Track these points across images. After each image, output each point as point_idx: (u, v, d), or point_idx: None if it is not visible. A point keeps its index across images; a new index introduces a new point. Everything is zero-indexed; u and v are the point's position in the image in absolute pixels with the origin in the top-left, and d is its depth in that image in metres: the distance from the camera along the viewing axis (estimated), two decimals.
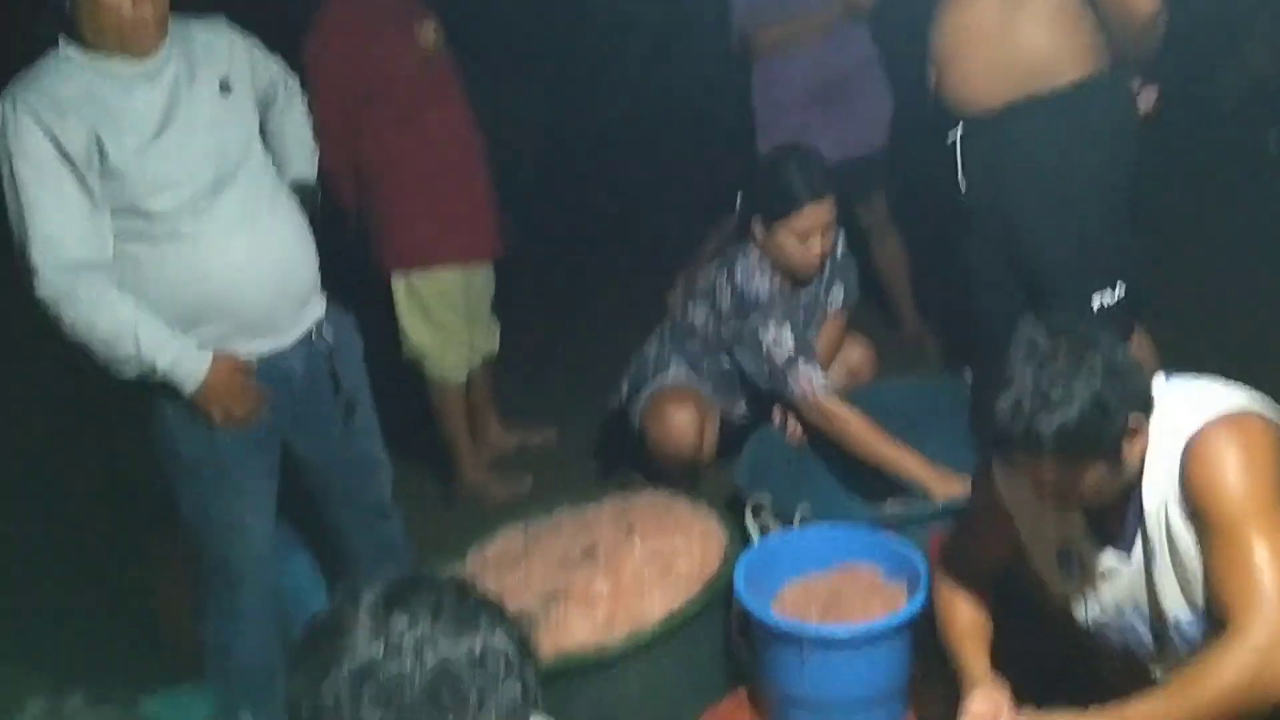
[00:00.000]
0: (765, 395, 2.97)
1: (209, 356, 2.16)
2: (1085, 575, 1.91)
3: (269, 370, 2.25)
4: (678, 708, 2.36)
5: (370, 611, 1.04)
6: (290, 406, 2.31)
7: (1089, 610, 1.94)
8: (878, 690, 2.26)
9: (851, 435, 2.79)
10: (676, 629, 2.32)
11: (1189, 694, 1.66)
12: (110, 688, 1.19)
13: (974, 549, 2.07)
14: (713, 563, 2.45)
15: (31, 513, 3.06)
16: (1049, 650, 2.05)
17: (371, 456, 2.49)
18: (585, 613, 2.34)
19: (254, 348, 2.23)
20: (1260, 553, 1.68)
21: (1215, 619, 1.73)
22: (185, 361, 2.14)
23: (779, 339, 2.85)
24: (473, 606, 1.07)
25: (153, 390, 2.18)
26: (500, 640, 1.06)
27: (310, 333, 2.31)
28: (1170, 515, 1.78)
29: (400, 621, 1.03)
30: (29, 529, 3.05)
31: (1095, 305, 2.63)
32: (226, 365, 2.19)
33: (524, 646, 1.09)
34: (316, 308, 2.34)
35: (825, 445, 2.94)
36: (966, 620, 2.05)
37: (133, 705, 1.19)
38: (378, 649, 1.02)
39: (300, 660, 1.05)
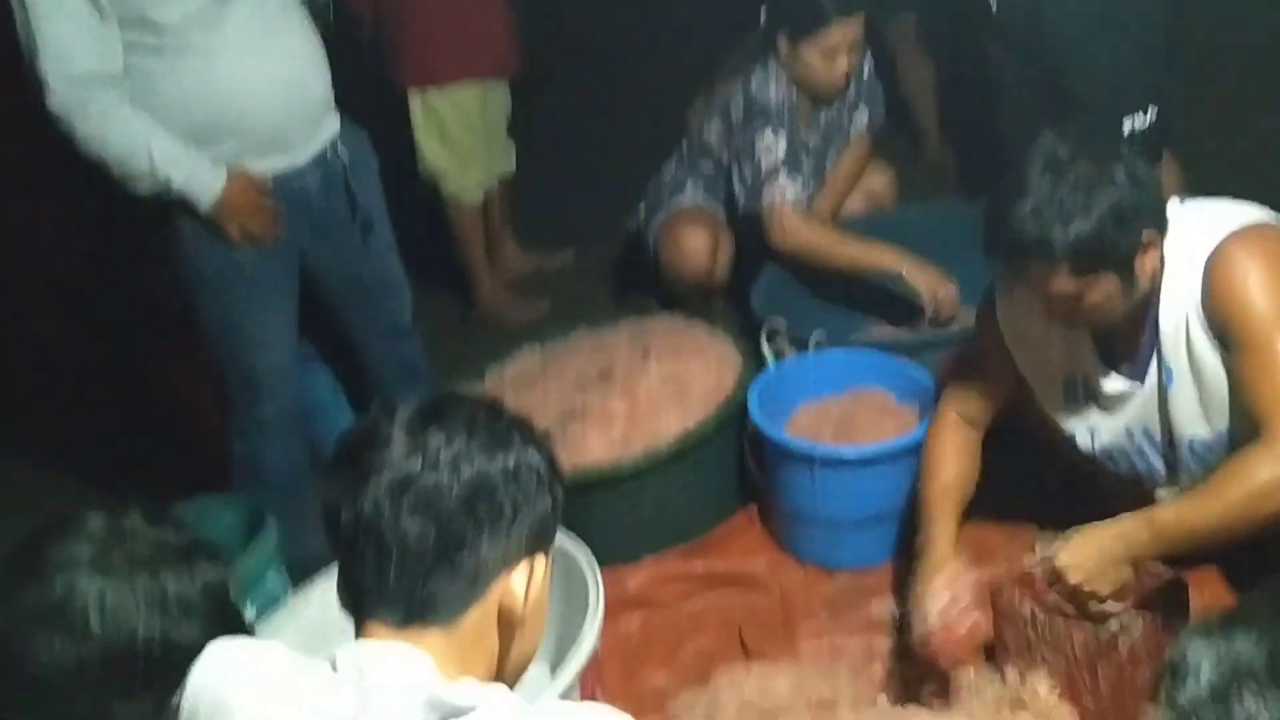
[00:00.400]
0: (741, 218, 2.92)
1: (224, 173, 2.16)
2: (1092, 403, 1.93)
3: (284, 188, 2.25)
4: (690, 524, 2.43)
5: (406, 427, 1.06)
6: (307, 224, 2.31)
7: (1096, 438, 1.96)
8: (886, 509, 2.32)
9: (816, 246, 2.77)
10: (690, 448, 2.37)
11: (1219, 494, 1.68)
12: (163, 505, 1.22)
13: (973, 394, 2.08)
14: (727, 386, 2.48)
15: (58, 332, 3.11)
16: (1052, 477, 2.09)
17: (390, 276, 2.50)
18: (601, 432, 2.39)
19: (268, 165, 2.23)
20: None
21: (1247, 429, 1.75)
22: (200, 177, 2.14)
23: (771, 146, 2.79)
24: (506, 425, 1.10)
25: (170, 207, 2.18)
26: (533, 457, 1.09)
27: (325, 151, 2.30)
28: (1192, 332, 1.78)
29: (437, 437, 1.05)
30: (57, 345, 3.10)
31: (1126, 129, 2.59)
32: (241, 181, 2.19)
33: (553, 464, 1.12)
34: (331, 125, 2.31)
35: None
36: (949, 478, 2.04)
37: (186, 526, 1.23)
38: (415, 462, 1.04)
39: (336, 471, 1.07)
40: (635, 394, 2.45)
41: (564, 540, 2.06)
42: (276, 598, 2.13)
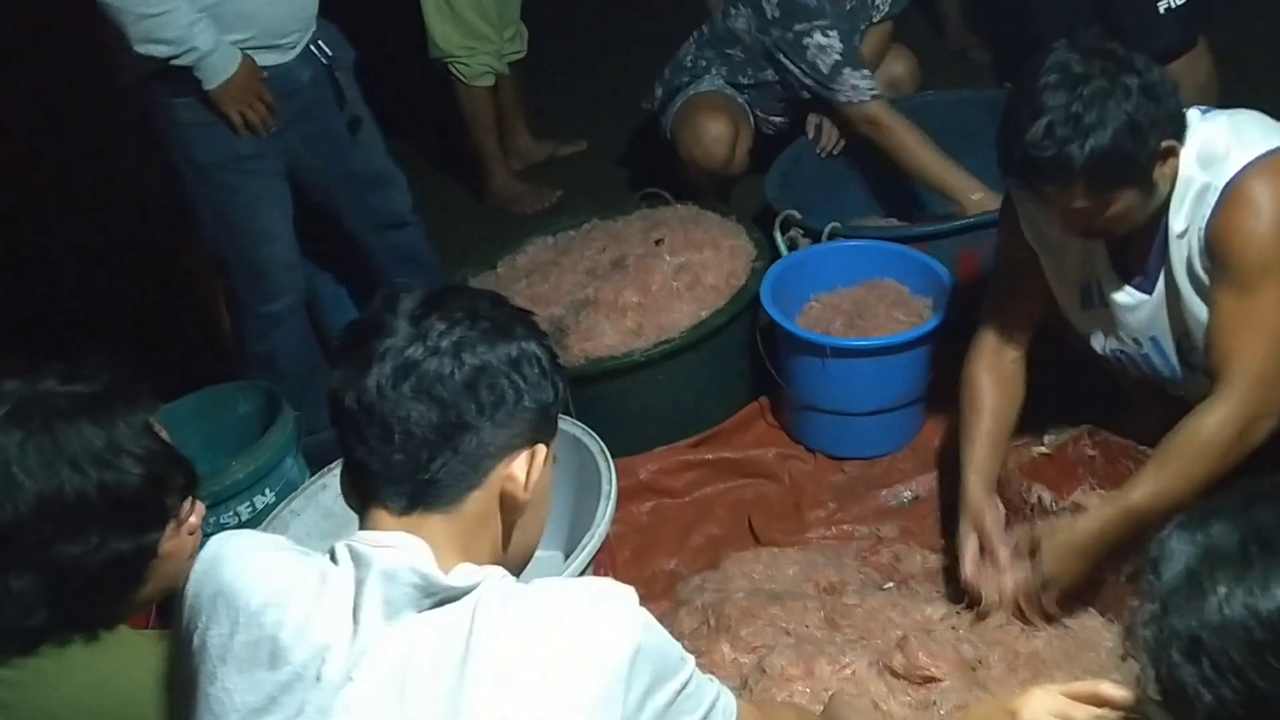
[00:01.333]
0: (806, 105, 2.91)
1: (239, 56, 2.21)
2: (1106, 307, 1.92)
3: (278, 80, 2.29)
4: (701, 413, 2.45)
5: (408, 316, 1.07)
6: (299, 117, 2.34)
7: (1108, 344, 1.95)
8: (896, 399, 2.33)
9: (897, 142, 2.74)
10: (702, 339, 2.38)
11: (1184, 468, 1.70)
12: (83, 367, 1.24)
13: (1008, 314, 2.03)
14: (740, 276, 2.47)
15: (67, 231, 3.11)
16: (1076, 371, 2.09)
17: (382, 169, 2.52)
18: (614, 321, 2.40)
19: (265, 60, 2.26)
20: (1267, 313, 1.67)
21: (1209, 363, 1.75)
22: (222, 53, 2.18)
23: (826, 46, 2.77)
24: (508, 315, 1.10)
25: (171, 98, 2.22)
26: (534, 347, 1.10)
27: (311, 46, 2.33)
28: (1192, 247, 1.76)
29: (439, 325, 1.06)
30: (63, 241, 3.11)
31: (1162, 7, 2.52)
32: (249, 66, 2.23)
33: (554, 357, 1.13)
34: (316, 20, 2.35)
35: (859, 159, 2.90)
36: (985, 413, 1.98)
37: (101, 376, 1.25)
38: (418, 348, 1.05)
39: (341, 360, 1.08)
40: (648, 284, 2.45)
41: (577, 430, 2.08)
42: (294, 483, 2.16)
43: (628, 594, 1.05)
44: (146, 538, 1.23)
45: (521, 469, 1.09)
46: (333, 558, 1.05)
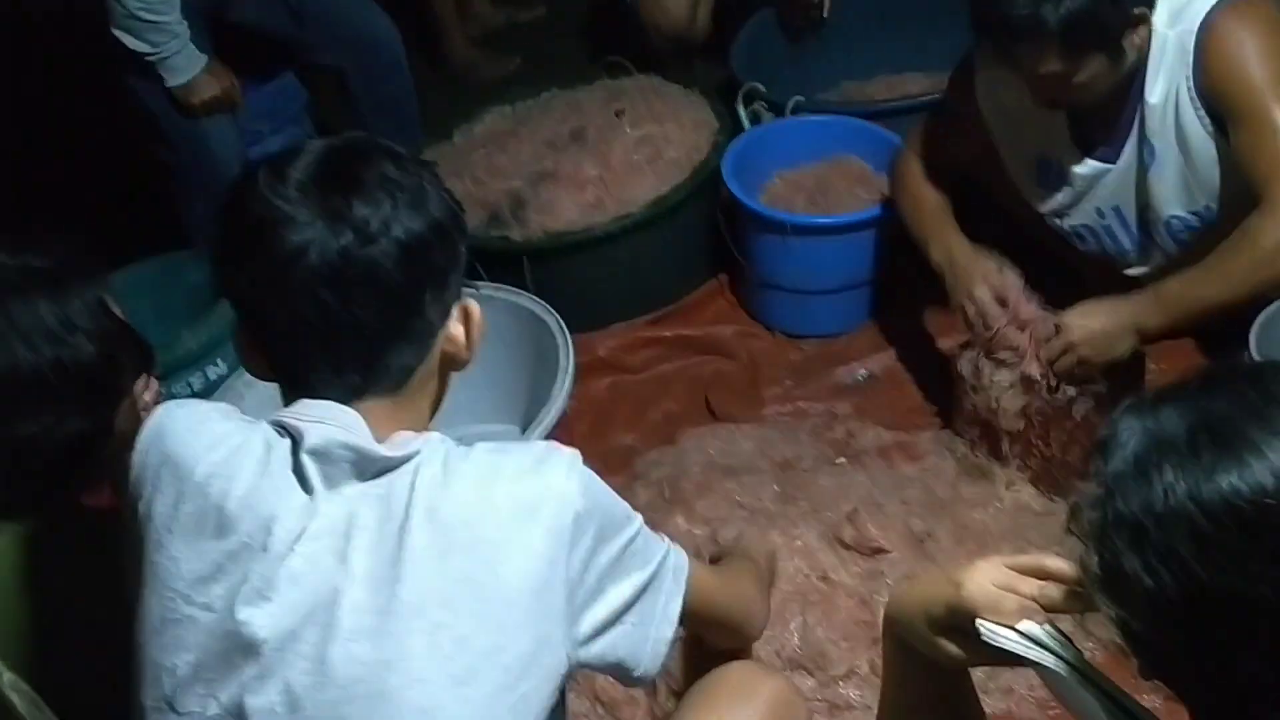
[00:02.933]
0: None
1: (204, 60, 2.26)
2: (1064, 182, 1.91)
3: None
4: (661, 290, 2.44)
5: (310, 197, 0.98)
6: None
7: (1066, 217, 1.96)
8: (855, 278, 2.33)
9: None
10: (663, 214, 2.35)
11: (1223, 264, 1.69)
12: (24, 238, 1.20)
13: (942, 150, 2.05)
14: (702, 150, 2.44)
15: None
16: (1022, 248, 2.09)
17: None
18: (573, 195, 2.36)
19: None
20: None
21: (1235, 208, 1.74)
22: (187, 52, 2.23)
23: None
24: (417, 175, 1.04)
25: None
26: (446, 201, 1.05)
27: None
28: (1180, 106, 1.76)
29: (361, 208, 0.99)
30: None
31: None
32: (215, 72, 2.28)
33: (454, 196, 1.07)
34: None
35: (829, 28, 2.83)
36: (937, 202, 2.02)
37: (52, 250, 1.21)
38: (347, 238, 0.98)
39: (238, 259, 1.01)
40: (608, 157, 2.41)
41: (534, 306, 2.07)
42: None
43: (570, 455, 1.04)
44: (102, 416, 1.21)
45: (459, 329, 1.07)
46: (276, 427, 1.03)
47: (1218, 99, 1.73)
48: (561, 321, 2.01)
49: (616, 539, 1.05)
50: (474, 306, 1.09)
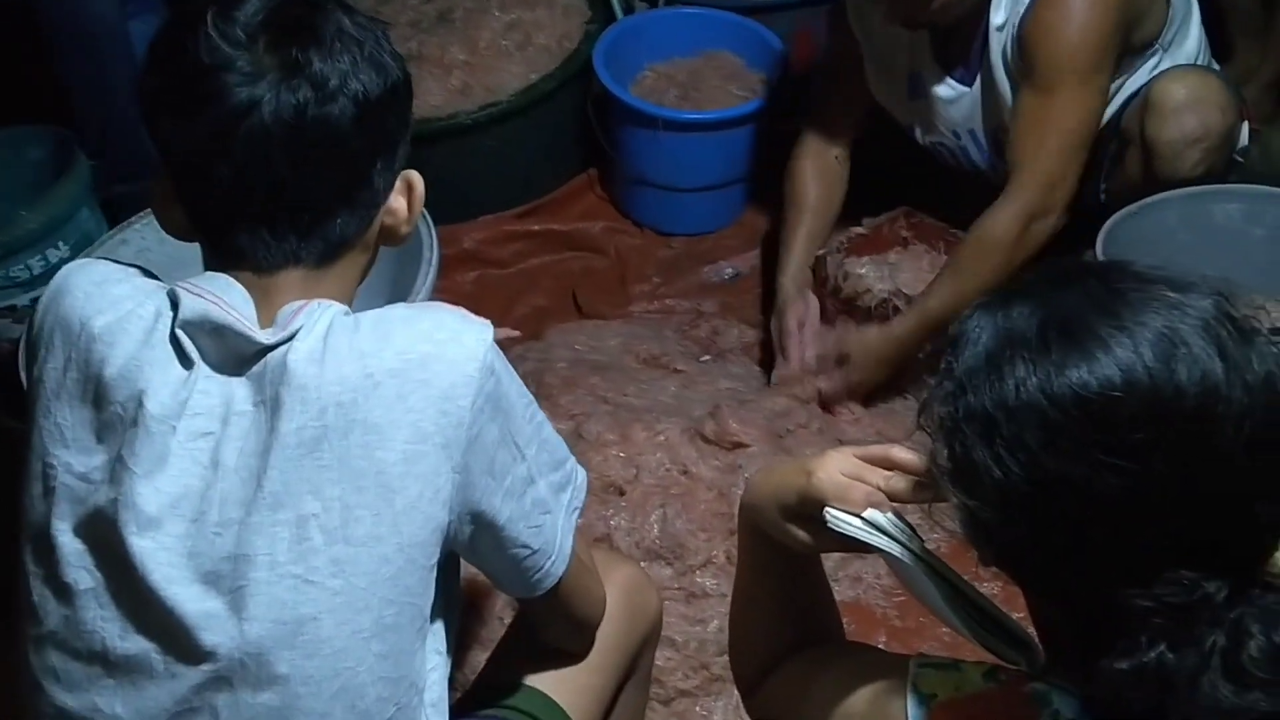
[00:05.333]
0: None
1: None
2: (928, 99, 1.94)
3: None
4: (529, 182, 2.39)
5: (257, 45, 0.91)
6: None
7: (927, 135, 1.99)
8: (725, 176, 2.33)
9: None
10: (531, 103, 2.30)
11: (975, 270, 1.76)
12: None
13: (833, 111, 2.06)
14: (573, 38, 2.38)
15: None
16: (896, 160, 2.12)
17: None
18: (439, 80, 2.29)
19: None
20: (1062, 113, 1.72)
21: (1006, 163, 1.80)
22: None
23: None
24: (372, 32, 0.97)
25: None
26: (399, 64, 0.99)
27: None
28: (1008, 41, 1.79)
29: (316, 61, 0.92)
30: None
31: None
32: None
33: (404, 61, 1.01)
34: None
35: None
36: (805, 208, 2.04)
37: None
38: (304, 93, 0.91)
39: (177, 104, 0.93)
40: (476, 41, 2.33)
41: None
42: (91, 237, 2.03)
43: (479, 326, 0.96)
44: None
45: (401, 201, 1.01)
46: (172, 301, 0.96)
47: (1024, 52, 1.76)
48: (426, 212, 1.96)
49: (519, 427, 0.97)
50: (416, 179, 1.02)
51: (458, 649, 1.31)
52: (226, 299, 0.94)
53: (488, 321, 0.97)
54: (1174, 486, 0.76)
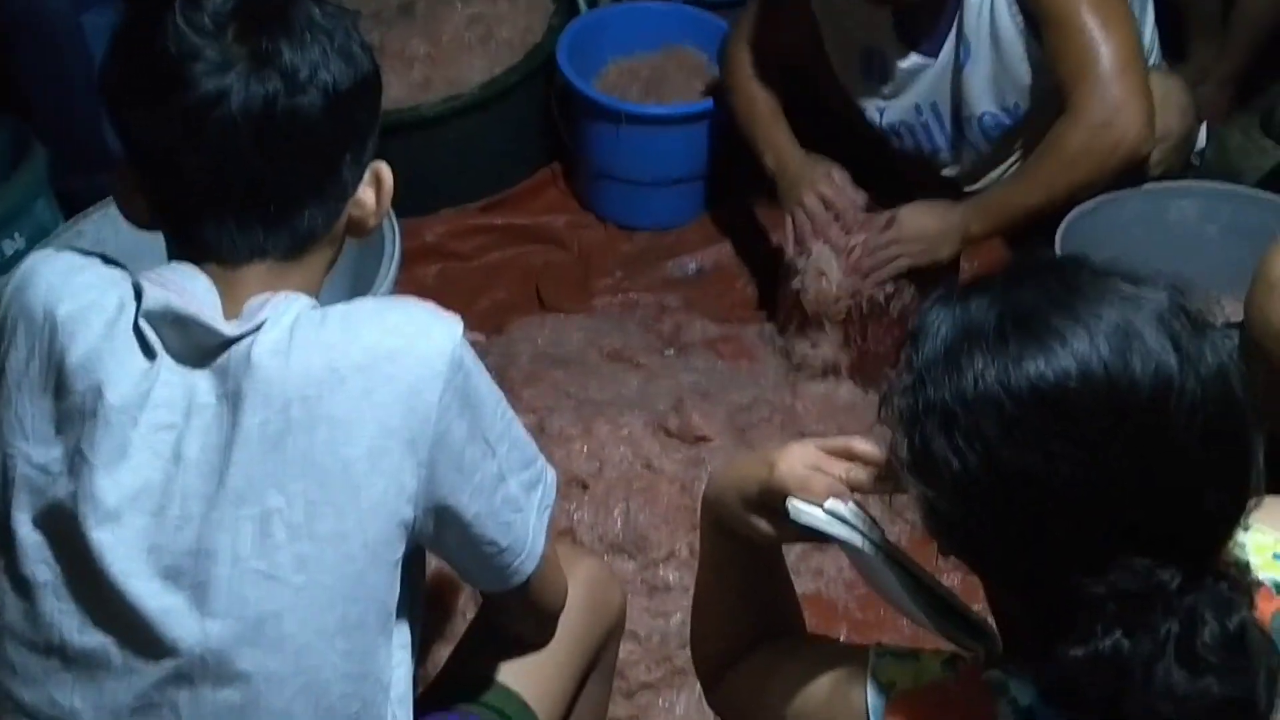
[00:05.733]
0: None
1: None
2: (885, 79, 1.95)
3: None
4: (492, 178, 2.38)
5: (226, 35, 0.90)
6: None
7: (884, 114, 1.99)
8: (688, 171, 2.33)
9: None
10: (494, 97, 2.29)
11: (1036, 171, 1.76)
12: None
13: (771, 39, 2.05)
14: (537, 32, 2.37)
15: None
16: (846, 150, 2.13)
17: None
18: (401, 73, 2.27)
19: None
20: (1093, 31, 1.71)
21: (1045, 109, 1.80)
22: None
23: None
24: (342, 21, 0.96)
25: None
26: (370, 56, 0.98)
27: None
28: (996, 4, 1.80)
29: (285, 51, 0.91)
30: None
31: None
32: None
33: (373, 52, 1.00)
34: None
35: None
36: (768, 103, 2.04)
37: None
38: (273, 84, 0.90)
39: (142, 94, 0.91)
40: (438, 34, 2.32)
41: None
42: (46, 228, 2.00)
43: (448, 321, 0.94)
44: None
45: (369, 193, 1.00)
46: (135, 291, 0.94)
47: (1030, 4, 1.77)
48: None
49: (489, 423, 0.96)
50: (385, 171, 1.01)
51: (421, 644, 1.31)
52: (190, 289, 0.93)
53: (457, 316, 0.96)
54: (1129, 476, 0.77)
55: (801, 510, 0.93)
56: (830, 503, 0.92)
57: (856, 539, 0.92)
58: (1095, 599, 0.77)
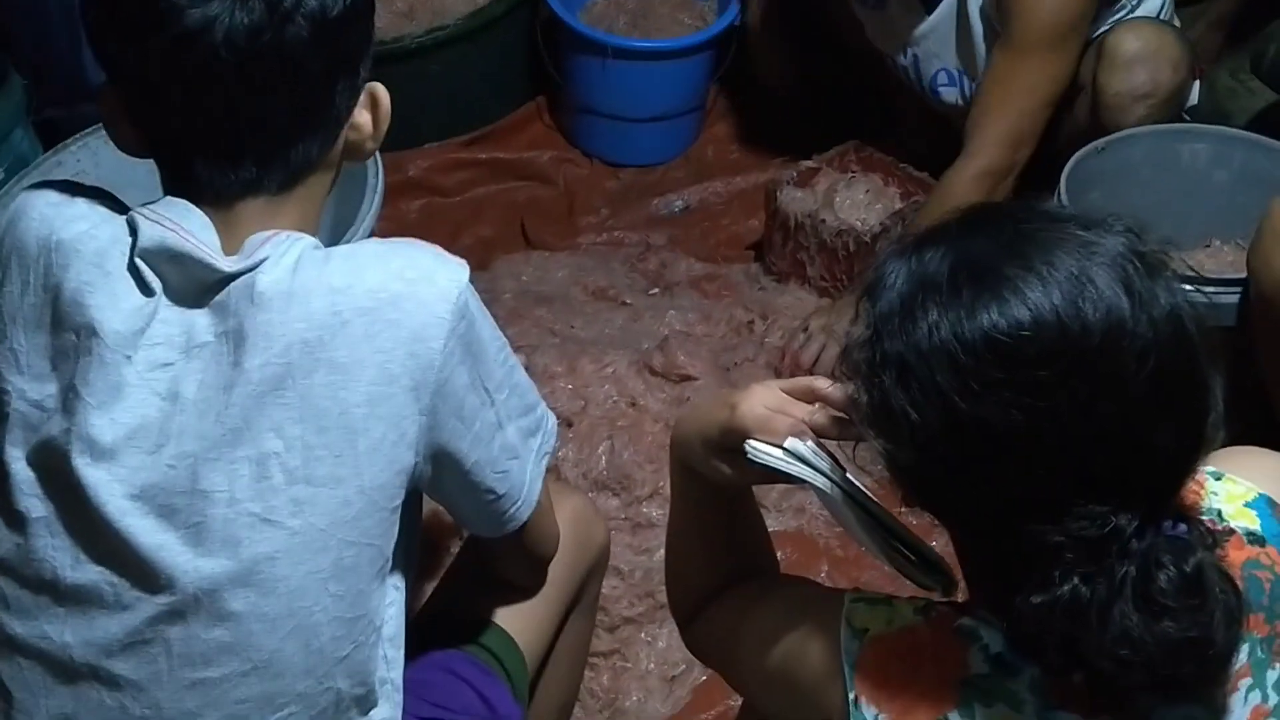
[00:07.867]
0: None
1: None
2: (884, 13, 1.93)
3: None
4: (476, 111, 2.36)
5: None
6: None
7: (900, 59, 1.98)
8: (675, 106, 2.31)
9: None
10: (479, 28, 2.25)
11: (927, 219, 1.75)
12: None
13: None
14: None
15: None
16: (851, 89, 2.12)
17: None
18: (383, 2, 2.22)
19: None
20: (1032, 76, 1.72)
21: (969, 118, 1.80)
22: None
23: None
24: None
25: None
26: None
27: None
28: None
29: None
30: None
31: None
32: None
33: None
34: None
35: None
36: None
37: None
38: (258, 11, 0.87)
39: (122, 26, 0.88)
40: None
41: None
42: (25, 159, 1.97)
43: (455, 265, 0.93)
44: None
45: (366, 116, 0.97)
46: (130, 227, 0.92)
47: (1004, 9, 1.75)
48: None
49: (490, 370, 0.95)
50: (382, 92, 0.99)
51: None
52: (186, 225, 0.92)
53: (463, 261, 0.95)
54: (1083, 422, 0.77)
55: (760, 451, 0.92)
56: (790, 441, 0.92)
57: (816, 478, 0.91)
58: (1053, 546, 0.78)
